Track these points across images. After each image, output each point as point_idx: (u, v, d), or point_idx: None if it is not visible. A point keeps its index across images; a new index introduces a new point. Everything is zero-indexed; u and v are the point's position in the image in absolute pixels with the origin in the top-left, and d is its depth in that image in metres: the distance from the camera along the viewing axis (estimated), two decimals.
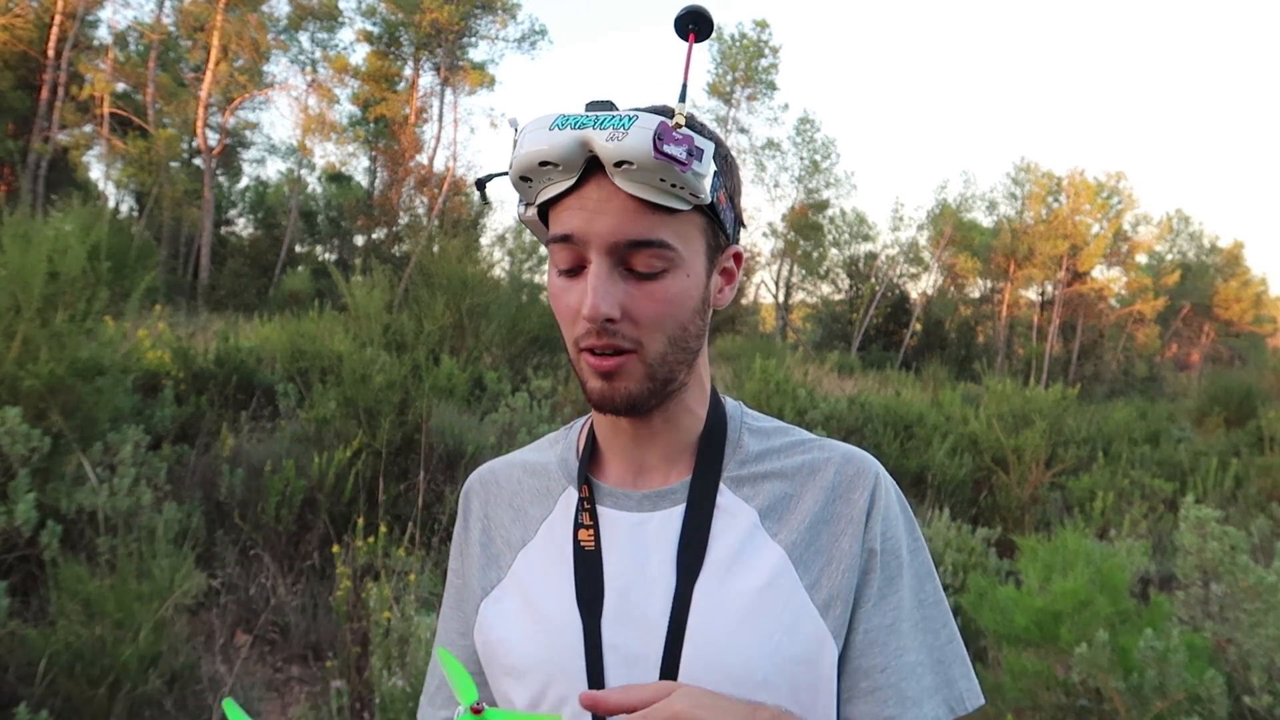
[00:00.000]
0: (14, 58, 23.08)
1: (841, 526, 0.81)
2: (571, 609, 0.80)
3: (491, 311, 7.04)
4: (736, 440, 0.87)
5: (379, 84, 30.16)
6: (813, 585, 0.79)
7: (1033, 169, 36.68)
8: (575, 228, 0.75)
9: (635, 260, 0.75)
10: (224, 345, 6.11)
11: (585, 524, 0.83)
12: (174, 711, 2.91)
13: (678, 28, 0.76)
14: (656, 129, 0.70)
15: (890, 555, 0.82)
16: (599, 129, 0.72)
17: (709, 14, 0.75)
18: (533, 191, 0.78)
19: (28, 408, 3.41)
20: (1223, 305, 40.50)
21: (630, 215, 0.74)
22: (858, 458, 0.85)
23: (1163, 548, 5.18)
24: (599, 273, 0.74)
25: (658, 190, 0.73)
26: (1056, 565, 2.85)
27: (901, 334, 35.88)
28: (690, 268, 0.77)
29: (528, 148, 0.74)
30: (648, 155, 0.70)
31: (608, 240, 0.74)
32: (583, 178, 0.74)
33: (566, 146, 0.73)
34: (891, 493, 0.85)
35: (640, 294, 0.75)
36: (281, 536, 4.24)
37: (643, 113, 0.72)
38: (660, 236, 0.74)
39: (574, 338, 0.78)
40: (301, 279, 22.75)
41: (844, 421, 7.55)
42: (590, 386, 0.79)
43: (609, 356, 0.76)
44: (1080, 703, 2.55)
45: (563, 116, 0.74)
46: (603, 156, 0.72)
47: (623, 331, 0.75)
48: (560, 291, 0.78)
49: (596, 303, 0.73)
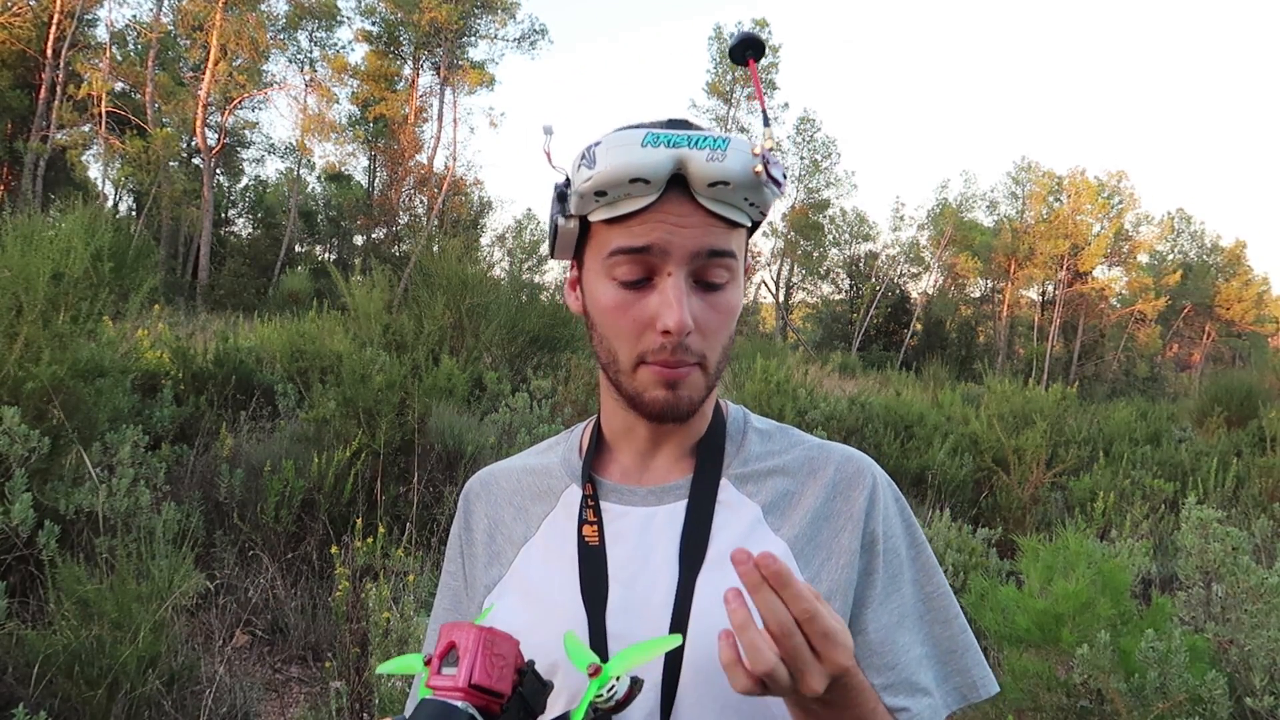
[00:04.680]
0: (12, 57, 23.11)
1: (840, 523, 0.84)
2: (576, 601, 0.81)
3: (491, 311, 7.03)
4: (741, 440, 0.89)
5: (378, 83, 30.17)
6: (813, 579, 0.81)
7: (1033, 168, 36.71)
8: (655, 239, 0.75)
9: (709, 272, 0.77)
10: (223, 345, 6.09)
11: (589, 520, 0.85)
12: (173, 712, 2.90)
13: (735, 56, 0.79)
14: (762, 153, 0.74)
15: (891, 554, 0.85)
16: (696, 149, 0.73)
17: (760, 38, 0.79)
18: (600, 205, 0.77)
19: (27, 408, 3.40)
20: (1224, 305, 40.50)
21: (710, 229, 0.76)
22: (856, 458, 0.88)
23: (1164, 548, 5.17)
24: (680, 285, 0.76)
25: (737, 209, 0.76)
26: (1058, 566, 2.84)
27: (902, 334, 35.90)
28: (740, 278, 0.81)
29: (618, 162, 0.73)
30: (747, 176, 0.74)
31: (690, 251, 0.76)
32: (662, 195, 0.75)
33: (661, 164, 0.73)
34: (889, 492, 0.88)
35: (708, 305, 0.78)
36: (281, 537, 4.23)
37: (735, 136, 0.75)
38: (731, 248, 0.78)
39: (638, 351, 0.78)
40: (301, 279, 22.78)
41: (844, 422, 7.54)
42: (651, 396, 0.79)
43: (679, 368, 0.78)
44: (1081, 704, 2.54)
45: (653, 134, 0.74)
46: (699, 176, 0.74)
47: (693, 344, 0.77)
48: (623, 304, 0.78)
49: (683, 316, 0.75)
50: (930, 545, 3.75)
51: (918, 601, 0.85)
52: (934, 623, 0.86)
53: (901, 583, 0.85)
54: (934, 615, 0.86)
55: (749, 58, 0.79)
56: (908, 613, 0.84)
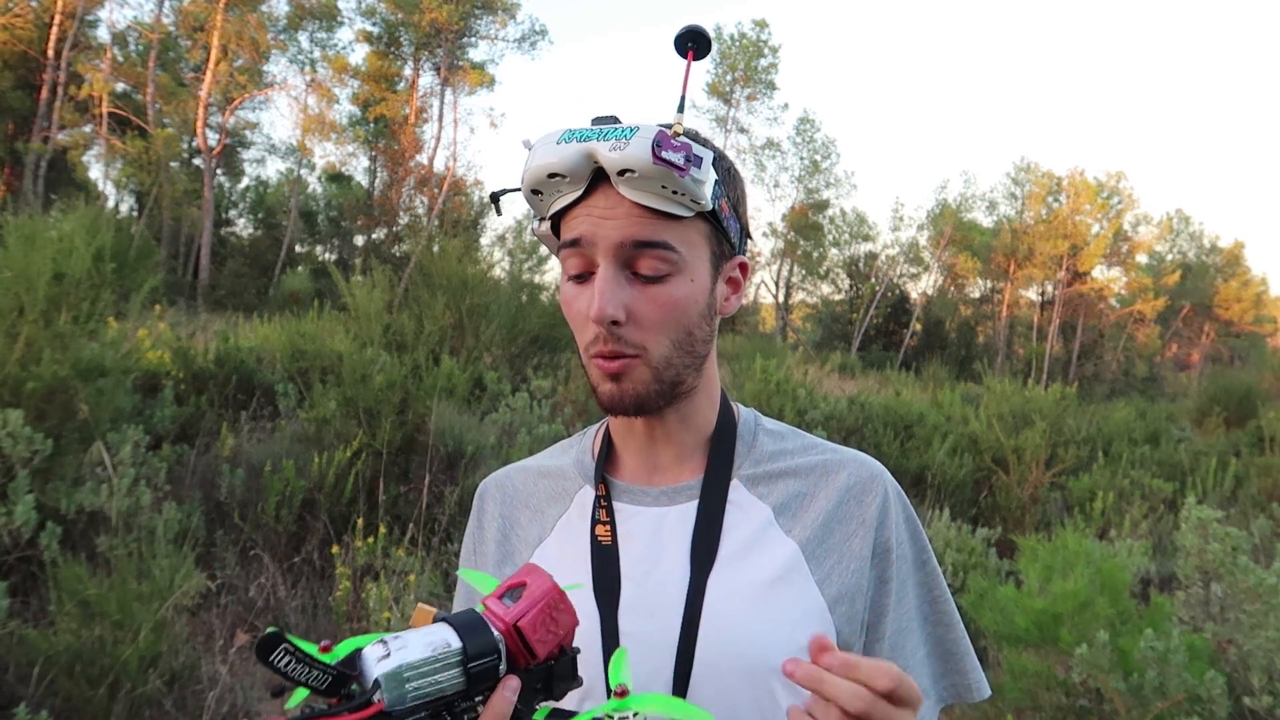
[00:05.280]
0: (13, 58, 23.08)
1: (853, 528, 0.85)
2: (588, 600, 0.82)
3: (491, 311, 7.04)
4: (752, 441, 0.90)
5: (379, 84, 30.15)
6: (823, 580, 0.82)
7: (1033, 169, 36.67)
8: (583, 232, 0.78)
9: (640, 263, 0.78)
10: (224, 345, 6.10)
11: (602, 520, 0.86)
12: (174, 711, 2.90)
13: (678, 46, 0.81)
14: (655, 137, 0.74)
15: (902, 560, 0.87)
16: (602, 140, 0.76)
17: (707, 34, 0.80)
18: (544, 204, 0.82)
19: (28, 408, 3.41)
20: (1223, 305, 40.47)
21: (635, 220, 0.77)
22: (869, 463, 0.90)
23: (1163, 548, 5.17)
24: (605, 275, 0.78)
25: (660, 197, 0.76)
26: (1057, 566, 2.85)
27: (901, 334, 35.87)
28: (694, 273, 0.80)
29: (537, 161, 0.78)
30: (648, 162, 0.73)
31: (614, 241, 0.77)
32: (590, 188, 0.78)
33: (573, 159, 0.76)
34: (900, 499, 0.90)
35: (645, 297, 0.79)
36: (281, 537, 4.24)
37: (644, 125, 0.75)
38: (664, 239, 0.77)
39: (584, 344, 0.81)
40: (301, 279, 22.76)
41: (844, 421, 7.54)
42: (601, 390, 0.82)
43: (617, 361, 0.79)
44: (1080, 703, 2.55)
45: (569, 131, 0.78)
46: (606, 166, 0.76)
47: (627, 336, 0.78)
48: (571, 298, 0.82)
49: (603, 305, 0.76)
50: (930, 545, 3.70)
51: (924, 604, 0.88)
52: (937, 625, 0.89)
53: (909, 587, 0.87)
54: (937, 618, 0.89)
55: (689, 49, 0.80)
56: (914, 616, 0.87)
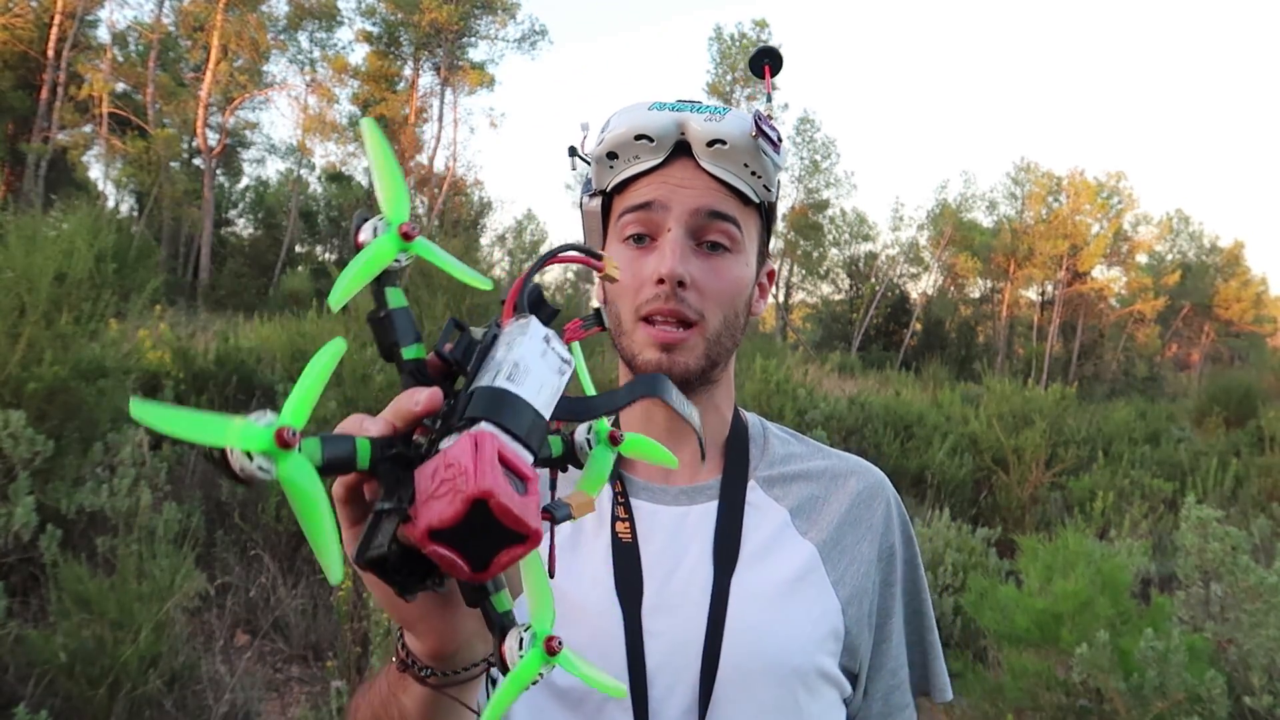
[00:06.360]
0: (14, 58, 23.09)
1: (862, 532, 0.88)
2: (610, 598, 0.81)
3: (492, 311, 7.04)
4: (764, 444, 0.92)
5: (379, 84, 30.16)
6: (837, 582, 0.85)
7: (1033, 169, 36.67)
8: (658, 195, 0.81)
9: (710, 231, 0.81)
10: (224, 345, 6.10)
11: (621, 516, 0.86)
12: (174, 712, 2.91)
13: (753, 67, 0.88)
14: (756, 113, 0.79)
15: (904, 563, 0.92)
16: (696, 112, 0.80)
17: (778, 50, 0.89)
18: (613, 172, 0.84)
19: (29, 409, 3.41)
20: (1223, 305, 40.46)
21: (711, 191, 0.81)
22: (873, 470, 0.94)
23: (1163, 548, 5.18)
24: (676, 237, 0.80)
25: (739, 175, 0.81)
26: (1057, 565, 2.85)
27: (901, 334, 35.87)
28: (747, 258, 0.85)
29: (626, 123, 0.81)
30: (745, 133, 0.78)
31: (690, 207, 0.81)
32: (668, 159, 0.81)
33: (664, 125, 0.80)
34: (899, 505, 0.94)
35: (708, 267, 0.81)
36: (282, 537, 4.24)
37: (733, 108, 0.82)
38: (734, 214, 0.82)
39: (636, 305, 0.81)
40: (301, 279, 22.75)
41: (844, 421, 7.54)
42: (643, 358, 0.81)
43: (674, 330, 0.80)
44: (1080, 703, 2.55)
45: (659, 102, 0.82)
46: (698, 135, 0.80)
47: (690, 300, 0.80)
48: (627, 261, 0.82)
49: (674, 263, 0.78)
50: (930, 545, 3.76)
51: (913, 601, 0.93)
52: (922, 626, 0.94)
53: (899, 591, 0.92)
54: (920, 619, 0.93)
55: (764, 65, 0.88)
56: (901, 617, 0.92)
